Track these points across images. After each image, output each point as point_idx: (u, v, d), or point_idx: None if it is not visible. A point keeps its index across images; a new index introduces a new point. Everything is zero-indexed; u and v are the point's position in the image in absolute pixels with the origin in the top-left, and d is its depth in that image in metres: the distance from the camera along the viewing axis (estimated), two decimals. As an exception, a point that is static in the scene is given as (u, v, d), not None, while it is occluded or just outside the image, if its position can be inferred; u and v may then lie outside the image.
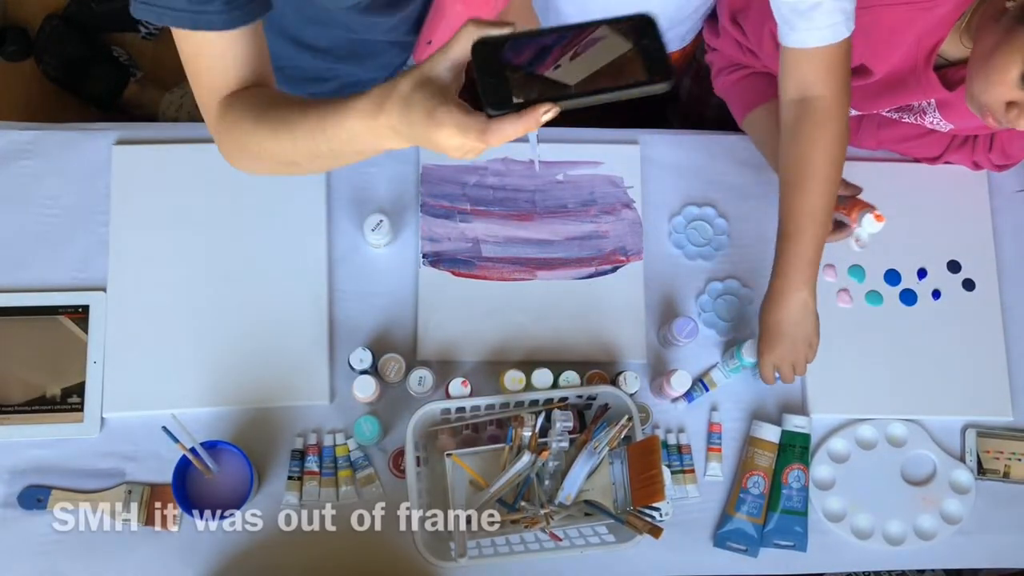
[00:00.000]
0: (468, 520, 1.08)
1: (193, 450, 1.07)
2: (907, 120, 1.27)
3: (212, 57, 0.82)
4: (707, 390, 1.26)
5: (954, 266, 1.35)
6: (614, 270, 1.30)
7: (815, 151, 1.08)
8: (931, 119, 1.23)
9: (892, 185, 1.36)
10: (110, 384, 1.20)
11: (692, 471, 1.25)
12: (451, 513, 1.11)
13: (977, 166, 1.35)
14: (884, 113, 1.28)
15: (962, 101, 1.07)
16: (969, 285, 1.34)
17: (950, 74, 1.10)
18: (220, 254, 1.25)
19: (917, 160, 1.38)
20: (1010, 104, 0.98)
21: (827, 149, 1.08)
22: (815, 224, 1.10)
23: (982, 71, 0.98)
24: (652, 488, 1.07)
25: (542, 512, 1.09)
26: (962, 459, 1.29)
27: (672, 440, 1.26)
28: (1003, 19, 0.97)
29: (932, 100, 1.18)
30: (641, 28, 0.67)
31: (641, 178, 1.34)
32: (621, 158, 1.34)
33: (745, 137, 1.34)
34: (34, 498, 1.15)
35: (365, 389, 1.15)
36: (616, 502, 1.14)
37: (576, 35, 0.67)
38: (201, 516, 1.11)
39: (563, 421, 1.13)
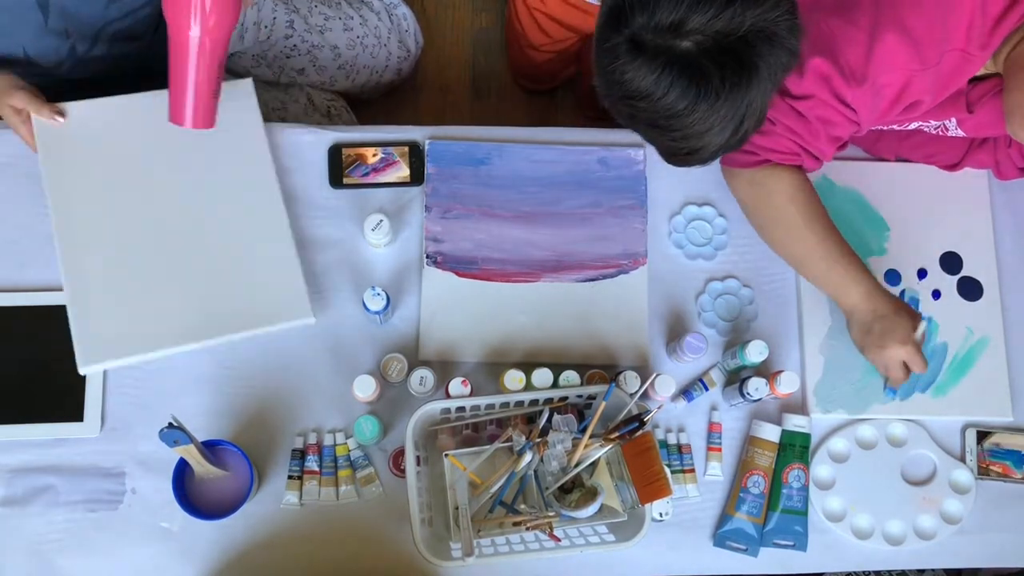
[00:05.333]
0: (472, 519, 1.08)
1: (207, 445, 1.07)
2: (925, 130, 1.26)
3: None
4: (707, 390, 1.26)
5: (954, 266, 1.35)
6: (618, 274, 1.30)
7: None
8: (952, 132, 1.23)
9: (892, 185, 1.37)
10: (81, 337, 1.14)
11: (692, 471, 1.25)
12: (456, 513, 1.11)
13: (999, 168, 1.33)
14: (899, 128, 1.28)
15: (975, 116, 1.10)
16: (969, 285, 1.34)
17: (970, 94, 1.10)
18: (167, 197, 1.22)
19: (937, 166, 1.37)
20: None
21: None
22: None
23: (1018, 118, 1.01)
24: (657, 484, 1.07)
25: (550, 514, 1.09)
26: (962, 459, 1.29)
27: (672, 440, 1.26)
28: None
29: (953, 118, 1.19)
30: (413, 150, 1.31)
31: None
32: (628, 161, 1.35)
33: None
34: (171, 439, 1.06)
35: (365, 389, 1.15)
36: (623, 501, 1.14)
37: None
38: (201, 516, 1.11)
39: (563, 421, 1.13)
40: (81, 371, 1.14)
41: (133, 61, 1.31)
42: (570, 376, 1.20)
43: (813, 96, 1.08)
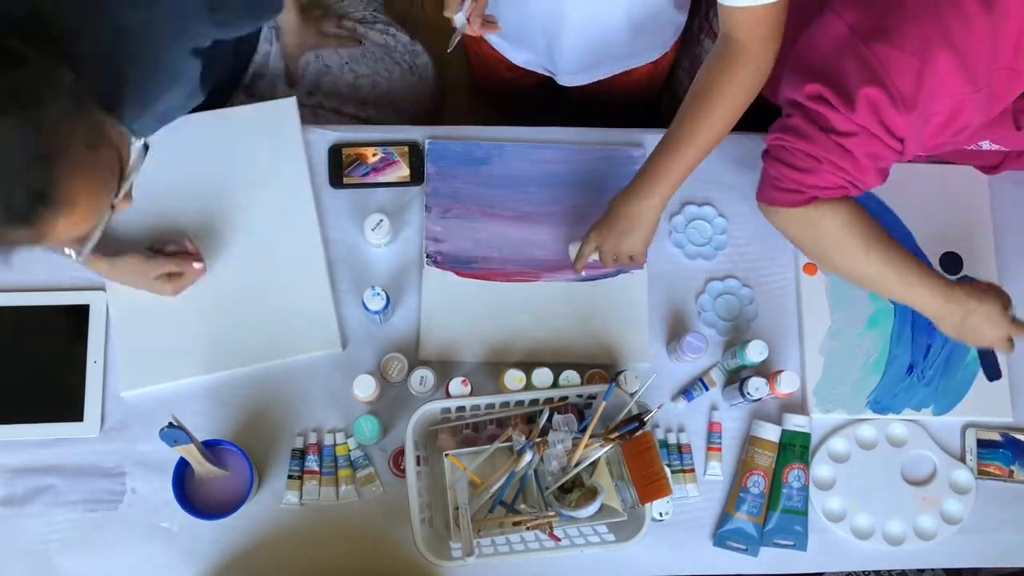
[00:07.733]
0: (472, 519, 1.08)
1: (207, 445, 1.07)
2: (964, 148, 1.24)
3: None
4: (707, 389, 1.26)
5: (954, 265, 1.35)
6: (618, 274, 1.30)
7: (722, 84, 1.09)
8: (986, 147, 1.21)
9: (892, 185, 1.36)
10: (126, 364, 1.21)
11: (692, 471, 1.25)
12: (456, 512, 1.11)
13: None
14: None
15: (1015, 131, 1.07)
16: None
17: (1015, 107, 1.07)
18: (209, 223, 1.26)
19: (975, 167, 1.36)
20: None
21: (733, 85, 1.08)
22: (695, 150, 1.12)
23: None
24: (657, 484, 1.07)
25: (550, 514, 1.09)
26: (962, 459, 1.29)
27: (672, 440, 1.26)
28: None
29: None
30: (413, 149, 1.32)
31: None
32: (628, 160, 1.35)
33: (744, 136, 1.34)
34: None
35: (365, 388, 1.15)
36: (623, 501, 1.14)
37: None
38: (201, 516, 1.11)
39: (563, 421, 1.13)
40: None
41: None
42: (570, 376, 1.20)
43: (860, 131, 1.03)
